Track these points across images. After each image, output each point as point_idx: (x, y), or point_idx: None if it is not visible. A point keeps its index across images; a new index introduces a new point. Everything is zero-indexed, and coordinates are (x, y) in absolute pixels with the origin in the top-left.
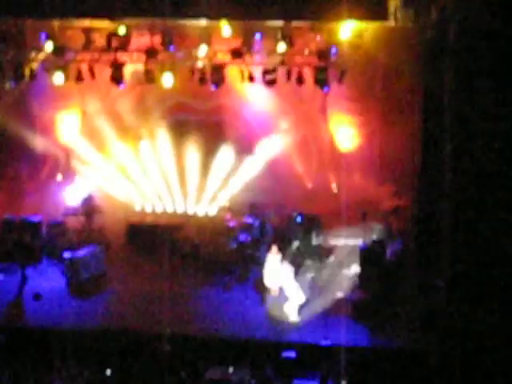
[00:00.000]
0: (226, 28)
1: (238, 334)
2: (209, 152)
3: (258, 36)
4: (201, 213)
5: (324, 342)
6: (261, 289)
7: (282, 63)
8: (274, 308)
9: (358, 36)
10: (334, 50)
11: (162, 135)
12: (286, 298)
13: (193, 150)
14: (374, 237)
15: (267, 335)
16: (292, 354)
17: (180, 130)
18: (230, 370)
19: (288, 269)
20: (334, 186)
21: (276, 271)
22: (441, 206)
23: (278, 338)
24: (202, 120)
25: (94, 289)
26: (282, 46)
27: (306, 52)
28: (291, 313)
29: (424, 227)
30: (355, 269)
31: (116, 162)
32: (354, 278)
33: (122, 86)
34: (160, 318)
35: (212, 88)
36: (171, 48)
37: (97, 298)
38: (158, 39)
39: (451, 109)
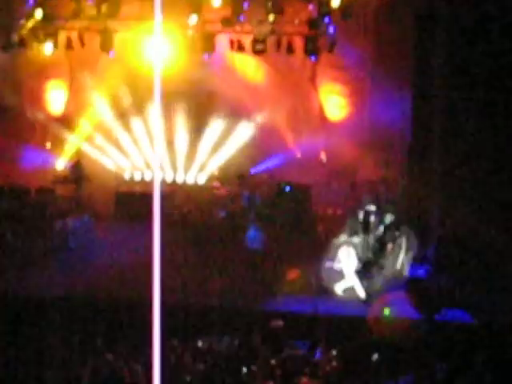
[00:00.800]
0: None
1: (226, 303)
2: (198, 121)
3: (245, 5)
4: (190, 182)
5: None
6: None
7: (272, 32)
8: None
9: (348, 5)
10: (324, 20)
11: (151, 104)
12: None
13: (182, 119)
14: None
15: (254, 304)
16: (280, 323)
17: (169, 98)
18: (218, 339)
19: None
20: (323, 156)
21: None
22: (429, 179)
23: (265, 307)
24: (191, 89)
25: (81, 258)
26: (271, 16)
27: (296, 21)
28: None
29: (412, 197)
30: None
31: (105, 130)
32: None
33: (111, 54)
34: (148, 287)
35: (203, 57)
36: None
37: (84, 268)
38: (148, 7)
39: (441, 80)
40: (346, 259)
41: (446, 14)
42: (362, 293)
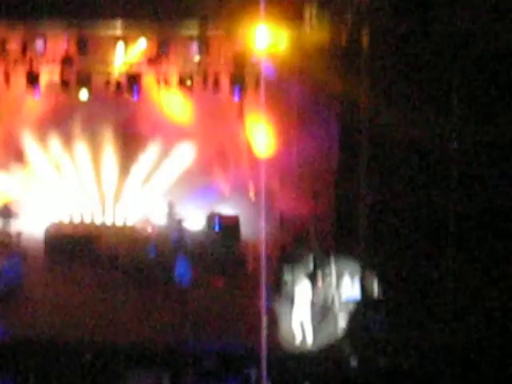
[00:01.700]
0: (141, 40)
1: (158, 339)
2: (126, 161)
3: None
4: (119, 222)
5: None
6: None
7: (198, 72)
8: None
9: (274, 44)
10: (250, 59)
11: (79, 145)
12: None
13: (110, 159)
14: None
15: (188, 341)
16: (213, 361)
17: (96, 139)
18: (151, 374)
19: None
20: (251, 195)
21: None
22: (358, 208)
23: (198, 345)
24: (119, 130)
25: (10, 299)
26: (197, 56)
27: (222, 60)
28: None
29: (343, 229)
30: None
31: (32, 172)
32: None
33: (37, 96)
34: (79, 326)
35: (131, 98)
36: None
37: (13, 308)
38: (73, 48)
39: (368, 113)
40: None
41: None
42: (310, 340)
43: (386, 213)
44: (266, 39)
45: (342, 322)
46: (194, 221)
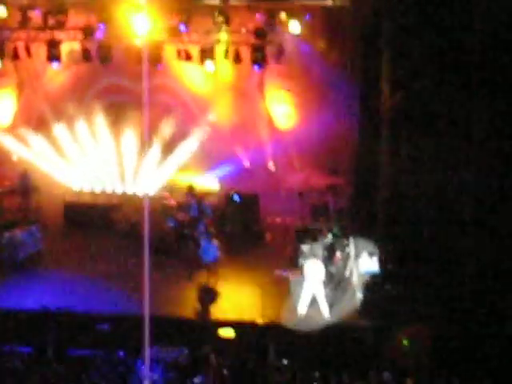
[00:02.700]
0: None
1: (173, 313)
2: (147, 132)
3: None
4: (139, 192)
5: None
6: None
7: (219, 42)
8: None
9: (296, 15)
10: (271, 29)
11: (99, 115)
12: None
13: (130, 131)
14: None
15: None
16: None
17: (117, 109)
18: (168, 348)
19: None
20: (271, 165)
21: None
22: (376, 185)
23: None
24: (139, 100)
25: (30, 268)
26: (218, 25)
27: (244, 31)
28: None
29: (360, 205)
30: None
31: (53, 141)
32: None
33: (55, 65)
34: (98, 297)
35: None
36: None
37: (33, 278)
38: (94, 18)
39: (387, 90)
40: (311, 272)
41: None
42: (326, 311)
43: (405, 189)
44: (287, 11)
45: (359, 294)
46: (214, 193)
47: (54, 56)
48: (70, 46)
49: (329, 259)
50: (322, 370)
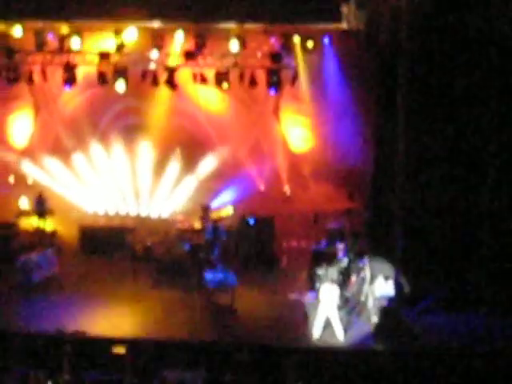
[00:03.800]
0: (178, 32)
1: (192, 336)
2: (161, 155)
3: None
4: (153, 215)
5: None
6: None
7: (235, 65)
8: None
9: (310, 39)
10: (286, 53)
11: (114, 138)
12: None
13: (145, 153)
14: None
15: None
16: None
17: (132, 132)
18: (186, 373)
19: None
20: (286, 189)
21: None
22: (392, 208)
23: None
24: (154, 123)
25: (45, 291)
26: (235, 48)
27: (259, 55)
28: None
29: (377, 229)
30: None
31: (68, 164)
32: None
33: (68, 88)
34: (114, 320)
35: (167, 91)
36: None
37: (48, 301)
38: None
39: (404, 111)
40: (326, 296)
41: (409, 51)
42: (341, 335)
43: (422, 212)
44: (302, 35)
45: (375, 318)
46: (229, 217)
47: (69, 79)
48: (85, 69)
49: (344, 283)
50: None
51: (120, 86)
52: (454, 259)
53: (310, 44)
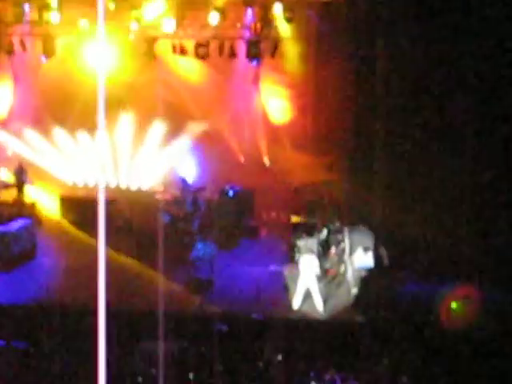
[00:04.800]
0: (158, 2)
1: (169, 307)
2: (141, 126)
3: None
4: (133, 187)
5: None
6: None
7: (215, 37)
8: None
9: (290, 9)
10: (266, 24)
11: (93, 109)
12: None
13: (124, 125)
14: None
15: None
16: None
17: (112, 103)
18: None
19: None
20: (266, 160)
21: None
22: (372, 180)
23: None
24: (134, 94)
25: (24, 263)
26: (214, 19)
27: (239, 26)
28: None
29: (356, 200)
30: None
31: (47, 135)
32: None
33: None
34: (92, 291)
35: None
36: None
37: (27, 273)
38: (90, 12)
39: (383, 80)
40: (306, 267)
41: (387, 19)
42: (320, 306)
43: (401, 184)
44: (282, 5)
45: (354, 289)
46: (209, 187)
47: (48, 51)
48: (65, 40)
49: (323, 254)
50: (315, 365)
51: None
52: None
53: (289, 15)
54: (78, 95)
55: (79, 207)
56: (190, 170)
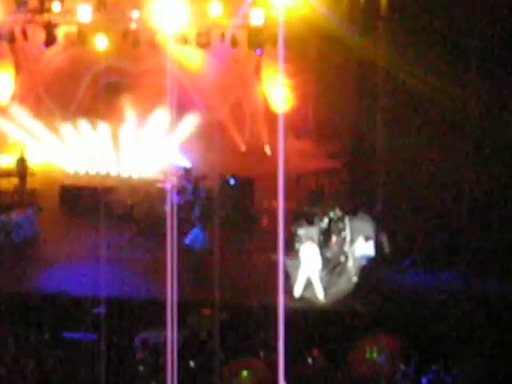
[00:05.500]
0: None
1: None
2: (142, 115)
3: None
4: (135, 175)
5: None
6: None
7: (216, 25)
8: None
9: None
10: (268, 13)
11: (95, 97)
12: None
13: (126, 113)
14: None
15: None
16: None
17: (113, 92)
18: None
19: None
20: (267, 149)
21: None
22: (373, 168)
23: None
24: (135, 82)
25: (26, 252)
26: (216, 9)
27: (240, 14)
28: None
29: (357, 189)
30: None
31: (49, 124)
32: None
33: (48, 47)
34: (94, 280)
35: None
36: None
37: (29, 261)
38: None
39: (384, 71)
40: (307, 256)
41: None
42: (321, 295)
43: (403, 172)
44: None
45: (355, 278)
46: (209, 176)
47: (50, 39)
48: (66, 28)
49: (325, 243)
50: (315, 352)
51: (101, 42)
52: (434, 218)
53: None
54: (79, 83)
55: (80, 195)
56: (190, 159)
